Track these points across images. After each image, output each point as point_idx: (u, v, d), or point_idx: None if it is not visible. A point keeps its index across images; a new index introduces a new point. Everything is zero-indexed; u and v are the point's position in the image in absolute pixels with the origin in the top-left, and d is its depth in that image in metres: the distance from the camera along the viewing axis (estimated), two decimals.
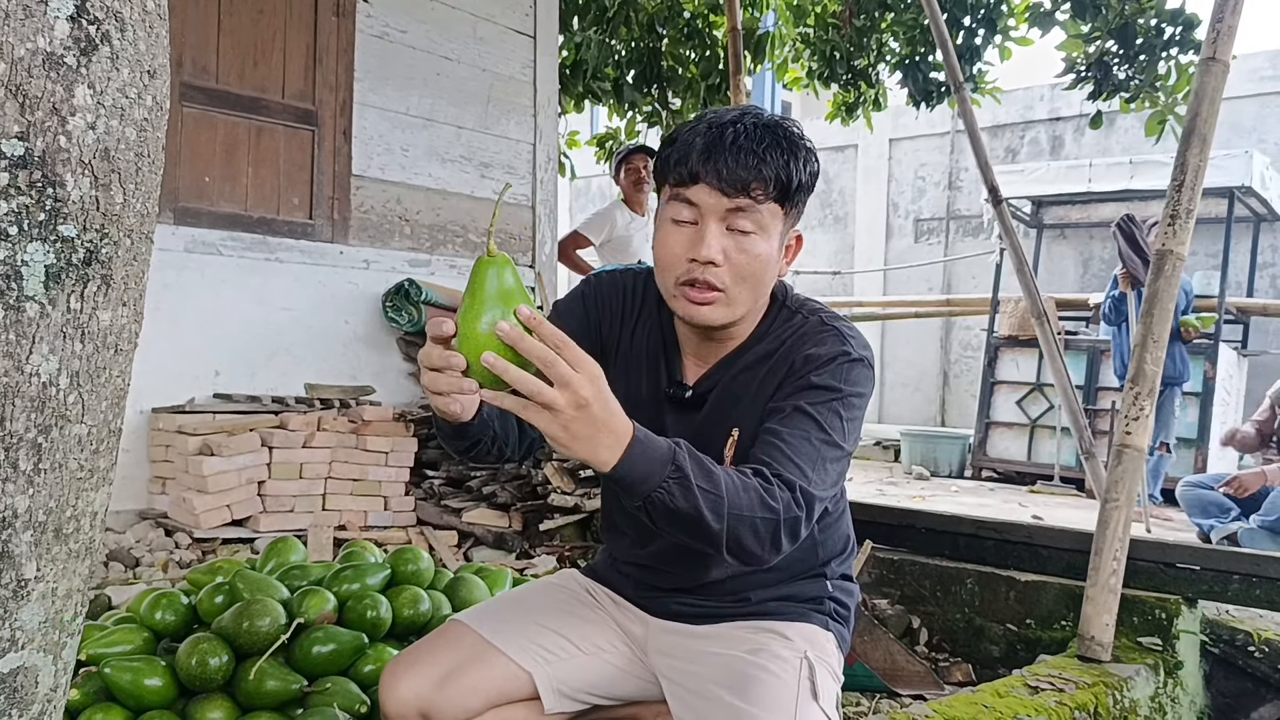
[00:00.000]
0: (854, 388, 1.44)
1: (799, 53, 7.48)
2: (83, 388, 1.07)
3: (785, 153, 1.41)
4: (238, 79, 4.62)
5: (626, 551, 1.69)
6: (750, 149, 1.39)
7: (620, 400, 1.58)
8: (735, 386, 1.52)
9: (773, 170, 1.39)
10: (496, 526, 4.02)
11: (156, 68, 1.11)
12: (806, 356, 1.45)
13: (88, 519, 1.13)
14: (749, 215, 1.41)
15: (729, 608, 1.60)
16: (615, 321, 1.63)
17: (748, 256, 1.42)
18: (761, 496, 1.27)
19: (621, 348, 1.62)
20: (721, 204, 1.41)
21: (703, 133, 1.43)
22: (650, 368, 1.59)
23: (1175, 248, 3.19)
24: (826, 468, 1.38)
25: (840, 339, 1.47)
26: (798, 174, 1.42)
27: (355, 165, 5.01)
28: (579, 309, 1.63)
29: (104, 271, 1.06)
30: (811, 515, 1.34)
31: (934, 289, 11.41)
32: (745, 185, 1.39)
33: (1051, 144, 10.91)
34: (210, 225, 4.51)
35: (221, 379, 4.50)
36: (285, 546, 2.30)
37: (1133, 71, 5.88)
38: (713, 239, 1.41)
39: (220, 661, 1.83)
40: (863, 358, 1.46)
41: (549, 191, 5.84)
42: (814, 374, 1.43)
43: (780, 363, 1.48)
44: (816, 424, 1.39)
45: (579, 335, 1.58)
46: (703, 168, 1.40)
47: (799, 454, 1.35)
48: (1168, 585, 3.25)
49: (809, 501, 1.32)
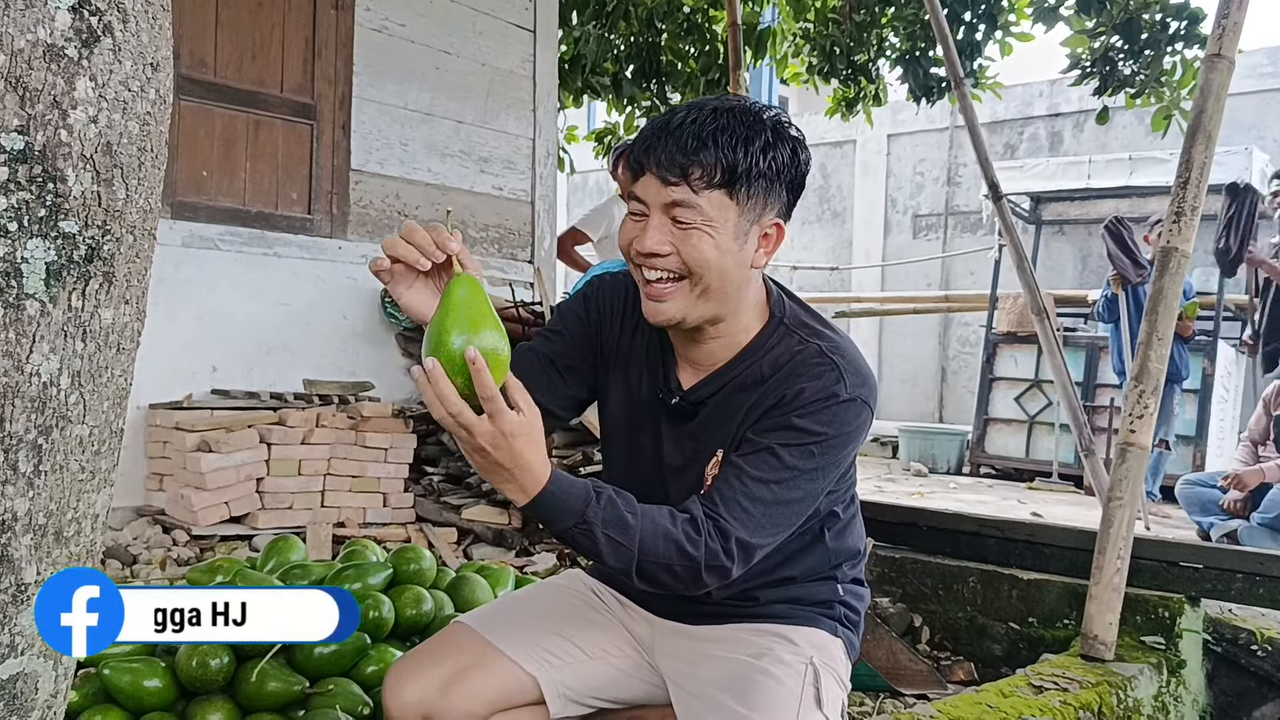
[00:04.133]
0: (840, 430, 1.40)
1: (799, 48, 7.45)
2: (84, 388, 1.05)
3: (736, 136, 1.34)
4: (236, 72, 4.58)
5: None
6: (693, 133, 1.34)
7: (619, 408, 1.61)
8: (728, 405, 1.49)
9: (714, 155, 1.33)
10: (496, 523, 4.00)
11: (160, 60, 1.09)
12: (798, 391, 1.40)
13: (89, 522, 1.11)
14: (689, 207, 1.35)
15: (736, 607, 1.58)
16: (616, 324, 1.60)
17: (692, 247, 1.36)
18: (680, 546, 1.32)
19: (622, 349, 1.60)
20: (662, 194, 1.36)
21: (658, 119, 1.41)
22: (649, 370, 1.57)
23: (1180, 245, 3.17)
24: (783, 512, 1.38)
25: (836, 376, 1.41)
26: (749, 159, 1.34)
27: (354, 160, 4.98)
28: (580, 311, 1.62)
29: (106, 269, 1.04)
30: (746, 561, 1.37)
31: (932, 285, 11.39)
32: (684, 170, 1.34)
33: (1050, 140, 10.90)
34: (208, 220, 4.48)
35: (219, 375, 4.48)
36: (285, 545, 2.27)
37: (1138, 67, 5.85)
38: (653, 229, 1.37)
39: (221, 663, 1.82)
40: (855, 397, 1.41)
41: (548, 187, 5.82)
42: (797, 414, 1.39)
43: (772, 391, 1.43)
44: (783, 468, 1.37)
45: (575, 336, 1.60)
46: (646, 157, 1.37)
47: (751, 498, 1.36)
48: (1171, 584, 3.24)
49: (744, 550, 1.35)
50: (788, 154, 1.39)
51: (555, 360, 1.58)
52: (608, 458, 1.68)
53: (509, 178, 5.65)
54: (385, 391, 4.88)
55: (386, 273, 1.30)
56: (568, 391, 1.59)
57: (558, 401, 1.58)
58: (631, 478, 1.59)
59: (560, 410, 1.60)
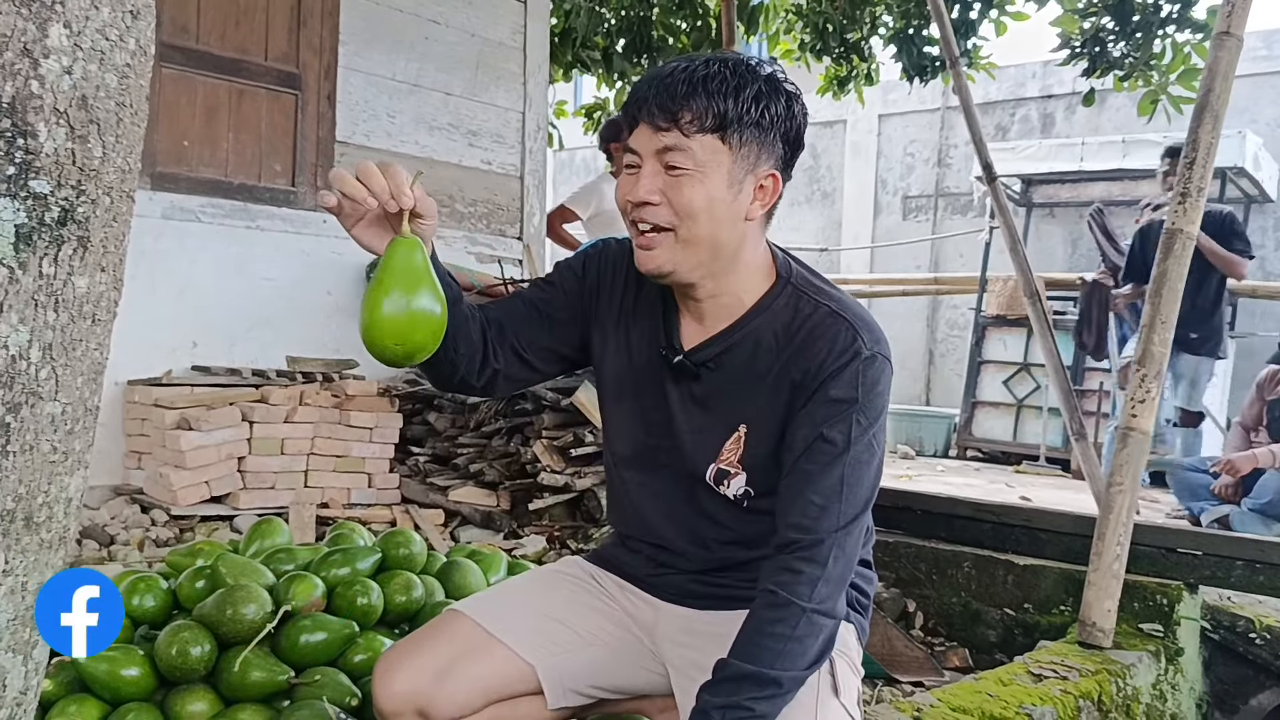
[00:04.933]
0: (871, 388, 1.39)
1: (791, 24, 7.36)
2: (56, 361, 0.97)
3: (727, 84, 1.33)
4: (218, 39, 4.47)
5: (636, 527, 1.61)
6: (684, 79, 1.33)
7: (619, 372, 1.56)
8: (738, 368, 1.45)
9: (705, 100, 1.32)
10: (484, 505, 3.93)
11: (140, 7, 1.00)
12: (820, 361, 1.38)
13: (61, 506, 1.03)
14: (680, 151, 1.33)
15: (746, 590, 1.52)
16: (618, 288, 1.56)
17: (683, 193, 1.34)
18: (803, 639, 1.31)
19: (624, 311, 1.55)
20: (653, 141, 1.35)
21: (650, 73, 1.40)
22: (649, 329, 1.53)
23: (1186, 226, 3.12)
24: (859, 488, 1.38)
25: (852, 334, 1.39)
26: (740, 105, 1.33)
27: (340, 131, 4.88)
28: (578, 270, 1.59)
29: (81, 233, 0.96)
30: (846, 549, 1.37)
31: (921, 267, 11.35)
32: (674, 115, 1.33)
33: (1043, 122, 10.85)
34: (189, 191, 4.37)
35: (199, 350, 4.38)
36: (270, 528, 2.19)
37: (1128, 49, 5.79)
38: (645, 178, 1.36)
39: (202, 651, 1.74)
40: (875, 354, 1.40)
41: (538, 161, 5.72)
42: (829, 386, 1.38)
43: (793, 363, 1.41)
44: (839, 449, 1.37)
45: (569, 293, 1.57)
46: (636, 107, 1.37)
47: (827, 494, 1.36)
48: (1169, 570, 3.21)
49: (839, 540, 1.35)
50: (782, 105, 1.37)
51: (541, 307, 1.56)
52: (608, 422, 1.63)
53: (498, 152, 5.55)
54: (370, 369, 4.78)
55: (334, 208, 1.31)
56: (547, 342, 1.55)
57: (536, 351, 1.54)
58: (636, 440, 1.56)
59: (537, 361, 1.55)
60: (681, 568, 1.57)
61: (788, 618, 1.30)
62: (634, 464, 1.58)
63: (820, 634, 1.33)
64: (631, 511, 1.60)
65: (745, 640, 1.32)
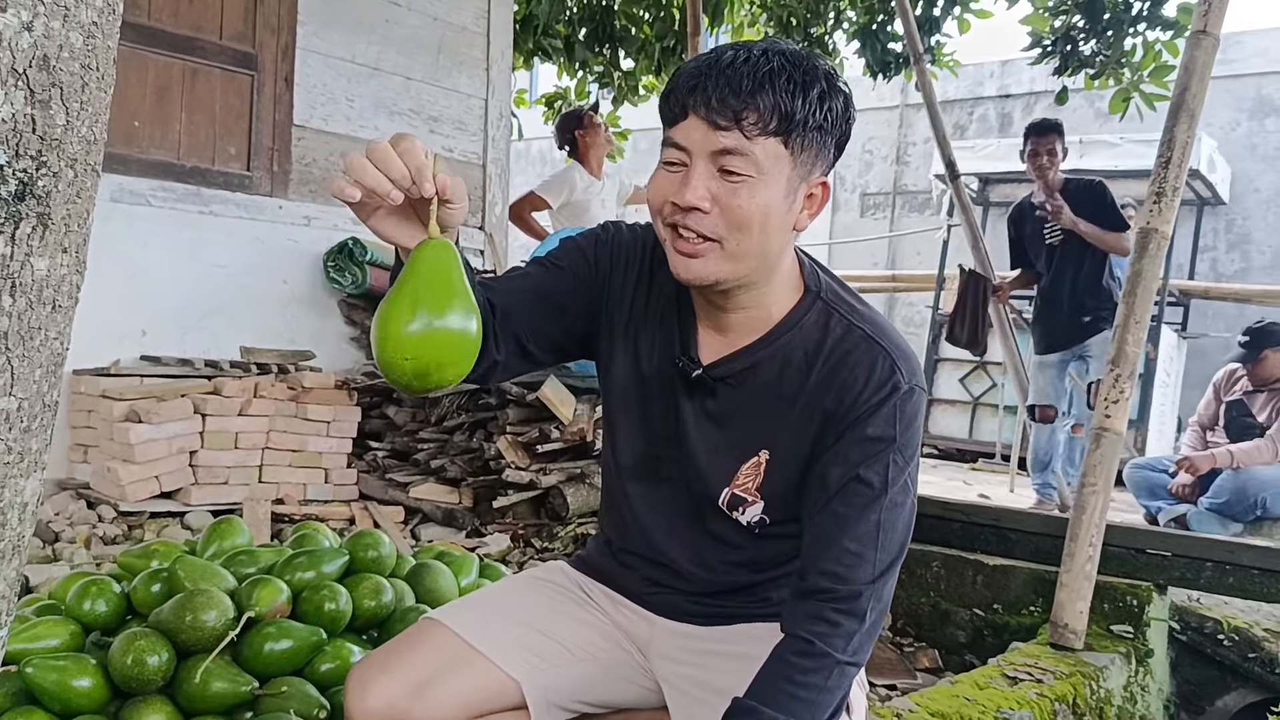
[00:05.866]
0: (909, 425, 1.30)
1: (755, 17, 7.32)
2: (12, 352, 0.87)
3: (794, 81, 1.19)
4: (171, 16, 4.31)
5: (633, 541, 1.51)
6: (747, 73, 1.18)
7: (627, 378, 1.44)
8: (761, 388, 1.35)
9: (771, 99, 1.18)
10: (446, 502, 3.83)
11: None
12: (855, 393, 1.29)
13: (15, 512, 0.93)
14: (741, 155, 1.19)
15: (747, 609, 1.45)
16: (629, 283, 1.43)
17: (740, 201, 1.21)
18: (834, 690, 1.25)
19: (635, 312, 1.43)
20: (709, 141, 1.20)
21: (700, 58, 1.24)
22: (663, 337, 1.41)
23: (1160, 226, 3.11)
24: (894, 531, 1.29)
25: (890, 364, 1.29)
26: (807, 106, 1.20)
27: (297, 114, 4.74)
28: (589, 256, 1.43)
29: (41, 209, 0.86)
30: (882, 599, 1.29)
31: (879, 264, 11.40)
32: (736, 115, 1.18)
33: (1000, 121, 10.94)
34: (139, 174, 4.21)
35: (149, 339, 4.23)
36: (229, 528, 2.08)
37: (1099, 47, 5.81)
38: (697, 180, 1.21)
39: (160, 660, 1.63)
40: (913, 386, 1.30)
41: (500, 150, 5.62)
42: (866, 423, 1.28)
43: (823, 387, 1.31)
44: (875, 491, 1.27)
45: (578, 278, 1.42)
46: (690, 97, 1.21)
47: (862, 539, 1.26)
48: (1139, 571, 3.21)
49: (876, 590, 1.27)
50: (841, 106, 1.25)
51: (550, 294, 1.41)
52: (611, 429, 1.52)
53: (460, 139, 5.43)
54: (327, 361, 4.66)
55: (356, 202, 1.16)
56: (554, 333, 1.42)
57: (540, 342, 1.40)
58: (638, 450, 1.46)
59: (539, 353, 1.42)
60: (680, 588, 1.48)
61: (822, 669, 1.23)
62: (636, 475, 1.48)
63: (849, 682, 1.27)
64: (631, 523, 1.51)
65: (772, 687, 1.24)
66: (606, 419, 1.53)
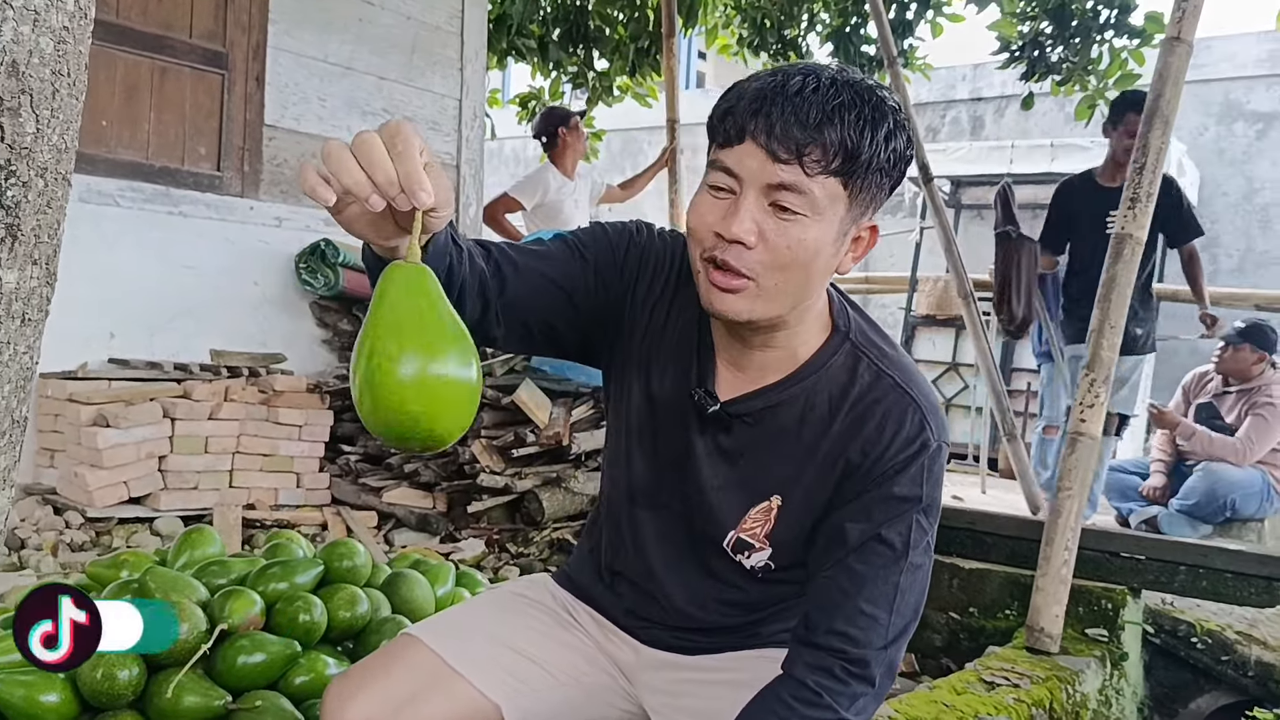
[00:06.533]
0: (935, 483, 1.24)
1: (729, 19, 7.33)
2: None
3: (863, 118, 1.10)
4: (140, 14, 4.23)
5: (627, 565, 1.46)
6: (815, 102, 1.08)
7: (637, 403, 1.37)
8: (780, 430, 1.28)
9: (838, 135, 1.08)
10: (419, 507, 3.80)
11: None
12: (884, 451, 1.22)
13: None
14: (798, 192, 1.10)
15: (734, 640, 1.42)
16: (655, 292, 1.33)
17: (790, 241, 1.12)
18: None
19: (654, 326, 1.33)
20: (766, 172, 1.10)
21: (763, 78, 1.13)
22: (677, 366, 1.32)
23: (1135, 231, 3.13)
24: (911, 594, 1.24)
25: (920, 419, 1.23)
26: (873, 146, 1.10)
27: (268, 114, 4.68)
28: (618, 253, 1.32)
29: (10, 220, 0.83)
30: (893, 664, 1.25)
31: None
32: (799, 148, 1.08)
33: (972, 124, 10.99)
34: (107, 174, 4.14)
35: (117, 342, 4.15)
36: (200, 537, 2.04)
37: (1066, 54, 5.86)
38: (745, 212, 1.11)
39: (130, 675, 1.60)
40: (940, 443, 1.25)
41: (474, 150, 5.58)
42: (895, 481, 1.22)
43: (848, 437, 1.24)
44: (897, 554, 1.22)
45: (597, 282, 1.30)
46: (751, 121, 1.10)
47: (877, 602, 1.21)
48: (1113, 575, 3.23)
49: (887, 660, 1.23)
50: (903, 145, 1.16)
51: (564, 284, 1.27)
52: (615, 455, 1.44)
53: (433, 139, 5.38)
54: (299, 364, 4.60)
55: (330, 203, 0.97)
56: (559, 325, 1.30)
57: (544, 331, 1.29)
58: (640, 475, 1.39)
59: (541, 341, 1.32)
60: (667, 623, 1.44)
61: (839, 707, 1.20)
62: (637, 500, 1.41)
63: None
64: (629, 545, 1.45)
65: None
66: (610, 439, 1.46)
